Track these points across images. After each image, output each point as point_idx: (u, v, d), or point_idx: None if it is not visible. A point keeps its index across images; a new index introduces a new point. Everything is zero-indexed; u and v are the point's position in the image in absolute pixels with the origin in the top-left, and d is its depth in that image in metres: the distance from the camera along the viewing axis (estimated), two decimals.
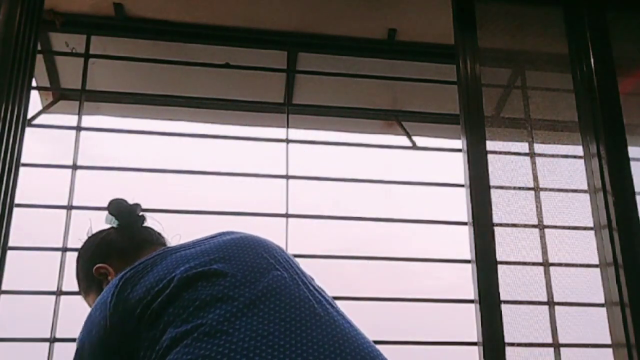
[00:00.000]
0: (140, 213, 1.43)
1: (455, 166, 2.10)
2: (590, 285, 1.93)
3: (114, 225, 1.40)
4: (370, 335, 1.07)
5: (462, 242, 1.97)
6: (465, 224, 1.99)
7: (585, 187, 2.03)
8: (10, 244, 1.80)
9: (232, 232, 1.20)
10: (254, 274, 1.04)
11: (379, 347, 1.06)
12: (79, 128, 2.22)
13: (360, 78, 2.51)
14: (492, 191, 1.94)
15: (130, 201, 1.45)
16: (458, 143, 2.11)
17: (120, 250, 1.33)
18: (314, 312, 1.00)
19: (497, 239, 1.90)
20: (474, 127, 1.98)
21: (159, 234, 1.42)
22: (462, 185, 2.02)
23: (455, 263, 2.14)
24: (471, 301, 1.89)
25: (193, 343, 0.93)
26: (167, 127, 2.47)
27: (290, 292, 1.02)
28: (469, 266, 1.93)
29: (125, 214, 1.40)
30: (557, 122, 2.14)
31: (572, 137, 2.11)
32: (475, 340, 1.87)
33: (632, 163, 1.97)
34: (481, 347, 1.80)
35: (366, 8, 2.31)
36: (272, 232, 1.84)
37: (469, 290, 1.90)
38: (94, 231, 1.43)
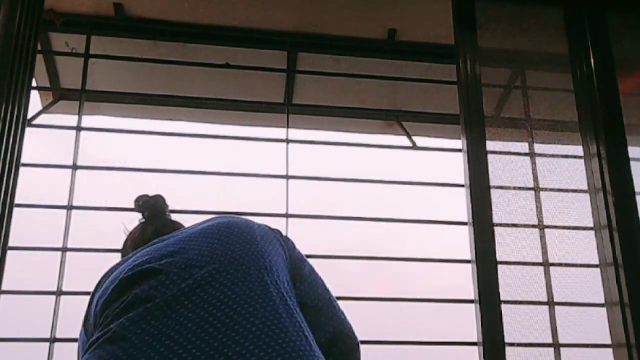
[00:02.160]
0: (165, 208, 1.38)
1: (455, 166, 2.10)
2: (590, 285, 1.93)
3: (141, 220, 1.37)
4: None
5: (462, 242, 1.97)
6: (465, 224, 1.99)
7: (585, 187, 2.03)
8: (10, 244, 1.80)
9: (220, 218, 1.12)
10: (189, 269, 0.96)
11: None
12: (79, 128, 2.22)
13: (360, 78, 2.51)
14: (492, 191, 1.94)
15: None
16: (458, 143, 2.11)
17: (133, 245, 1.30)
18: (235, 314, 0.89)
19: (497, 239, 1.90)
20: (474, 127, 1.98)
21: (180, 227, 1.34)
22: (462, 185, 2.02)
23: (455, 263, 2.14)
24: (471, 301, 1.89)
25: (94, 350, 0.89)
26: (167, 127, 2.47)
27: (216, 289, 0.92)
28: (468, 266, 1.93)
29: (146, 208, 1.37)
30: (557, 122, 2.14)
31: (572, 137, 2.11)
32: (475, 340, 1.87)
33: (632, 163, 1.96)
34: (481, 347, 1.80)
35: (366, 8, 2.31)
36: None
37: (469, 290, 1.90)
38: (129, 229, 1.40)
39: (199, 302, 0.90)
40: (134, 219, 1.42)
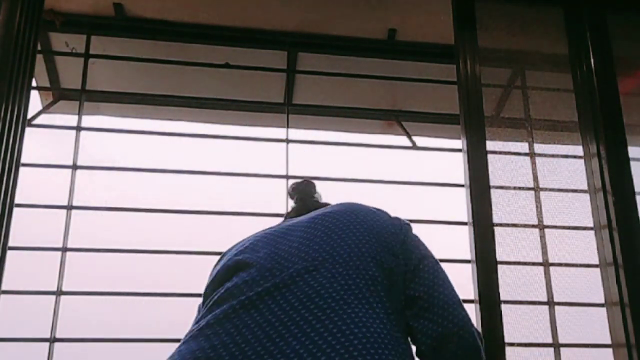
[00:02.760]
0: (311, 192, 1.37)
1: (455, 166, 2.10)
2: (590, 285, 1.93)
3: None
4: None
5: (462, 242, 1.97)
6: (465, 223, 1.99)
7: (586, 187, 2.03)
8: (10, 244, 1.80)
9: (337, 205, 1.10)
10: (281, 264, 0.96)
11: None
12: (79, 128, 2.22)
13: (360, 78, 2.51)
14: (492, 191, 1.93)
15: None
16: (458, 143, 2.11)
17: None
18: (313, 318, 0.87)
19: (497, 239, 1.89)
20: (474, 127, 1.98)
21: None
22: (461, 185, 2.02)
23: (455, 263, 2.13)
24: (471, 301, 1.89)
25: (181, 345, 0.90)
26: (167, 127, 2.48)
27: (301, 289, 0.91)
28: (468, 266, 1.93)
29: (294, 192, 1.37)
30: (557, 122, 2.14)
31: (572, 137, 2.11)
32: None
33: (632, 163, 1.96)
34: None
35: (366, 8, 2.31)
36: None
37: (469, 290, 1.90)
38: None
39: (282, 302, 0.90)
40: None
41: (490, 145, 2.00)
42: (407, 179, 2.36)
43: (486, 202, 1.91)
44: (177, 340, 0.98)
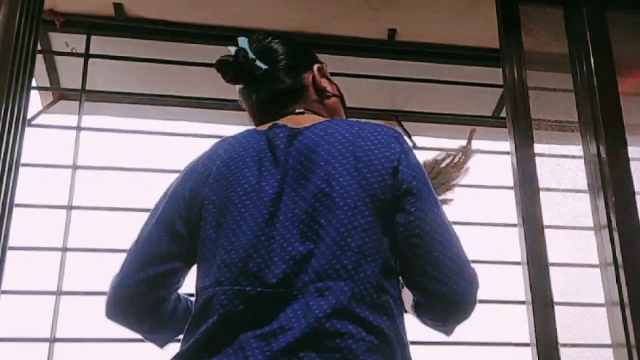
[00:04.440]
0: None
1: None
2: (590, 285, 1.92)
3: None
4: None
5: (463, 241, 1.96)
6: (465, 223, 1.99)
7: (585, 187, 2.03)
8: (10, 244, 1.80)
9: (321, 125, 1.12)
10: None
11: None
12: (79, 128, 2.22)
13: (360, 78, 2.51)
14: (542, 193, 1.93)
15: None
16: (458, 143, 2.10)
17: None
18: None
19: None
20: (522, 129, 1.98)
21: None
22: (462, 186, 2.01)
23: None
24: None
25: None
26: (167, 127, 2.47)
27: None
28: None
29: None
30: (557, 122, 2.14)
31: (572, 137, 2.11)
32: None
33: (632, 163, 1.96)
34: (534, 348, 1.80)
35: (366, 8, 2.31)
36: None
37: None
38: None
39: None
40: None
41: (490, 145, 1.99)
42: None
43: (536, 204, 1.91)
44: (177, 341, 0.98)
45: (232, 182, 1.03)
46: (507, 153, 2.04)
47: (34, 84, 2.01)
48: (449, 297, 0.99)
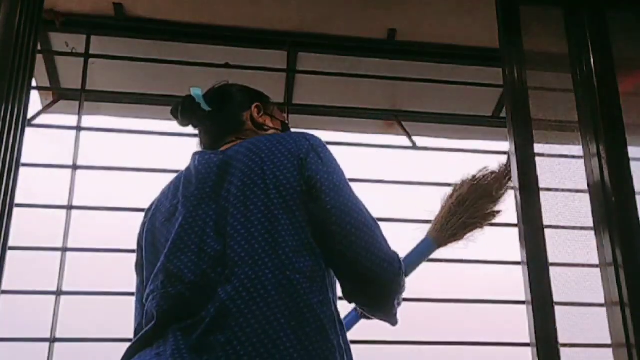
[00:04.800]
0: None
1: (455, 166, 2.10)
2: (590, 285, 1.93)
3: None
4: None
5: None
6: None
7: (585, 187, 2.03)
8: (10, 244, 1.80)
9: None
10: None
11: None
12: (79, 128, 2.22)
13: (360, 78, 2.51)
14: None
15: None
16: (458, 143, 2.11)
17: None
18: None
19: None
20: (522, 130, 1.98)
21: None
22: None
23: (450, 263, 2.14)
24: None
25: None
26: (167, 127, 2.47)
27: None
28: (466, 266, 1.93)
29: None
30: (557, 122, 2.14)
31: (572, 137, 2.11)
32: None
33: (632, 163, 1.96)
34: (534, 348, 1.80)
35: (366, 8, 2.31)
36: None
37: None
38: None
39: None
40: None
41: (490, 145, 1.99)
42: (407, 179, 2.36)
43: (536, 204, 1.91)
44: None
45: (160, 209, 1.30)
46: (507, 153, 2.03)
47: (34, 84, 2.01)
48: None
